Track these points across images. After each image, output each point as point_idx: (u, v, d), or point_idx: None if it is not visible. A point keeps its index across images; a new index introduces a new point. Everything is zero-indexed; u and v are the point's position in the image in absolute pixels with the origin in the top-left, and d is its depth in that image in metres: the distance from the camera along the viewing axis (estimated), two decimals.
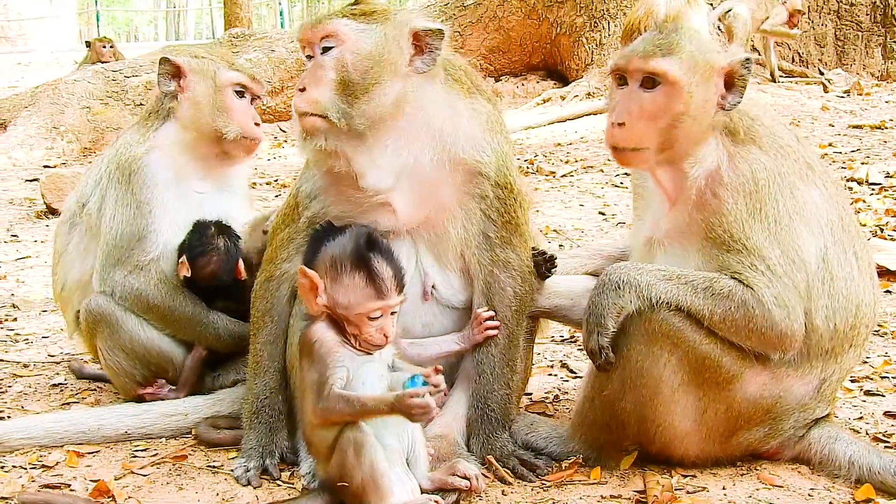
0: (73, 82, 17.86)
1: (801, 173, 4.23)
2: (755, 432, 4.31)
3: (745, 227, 4.07)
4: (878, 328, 6.37)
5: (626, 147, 4.20)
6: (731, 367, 4.14)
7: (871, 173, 11.27)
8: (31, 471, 4.62)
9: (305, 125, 4.37)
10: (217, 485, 4.42)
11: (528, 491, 4.26)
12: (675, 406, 4.21)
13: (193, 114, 5.49)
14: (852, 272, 4.21)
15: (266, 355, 4.75)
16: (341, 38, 4.39)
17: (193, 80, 5.51)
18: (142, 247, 5.35)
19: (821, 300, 4.15)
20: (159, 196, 5.42)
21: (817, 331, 4.15)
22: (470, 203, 4.55)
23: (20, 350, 6.79)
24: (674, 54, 4.13)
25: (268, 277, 4.78)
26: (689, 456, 4.37)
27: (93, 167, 5.74)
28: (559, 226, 10.25)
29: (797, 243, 4.11)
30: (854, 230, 4.30)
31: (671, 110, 4.12)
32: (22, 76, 30.40)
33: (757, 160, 4.15)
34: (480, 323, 4.54)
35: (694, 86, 4.11)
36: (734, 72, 4.17)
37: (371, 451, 3.84)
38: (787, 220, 4.11)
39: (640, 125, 4.15)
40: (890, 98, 16.57)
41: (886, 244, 8.32)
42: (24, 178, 14.76)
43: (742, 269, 4.05)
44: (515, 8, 18.63)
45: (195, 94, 5.51)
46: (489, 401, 4.57)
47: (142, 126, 5.59)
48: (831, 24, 18.82)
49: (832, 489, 4.19)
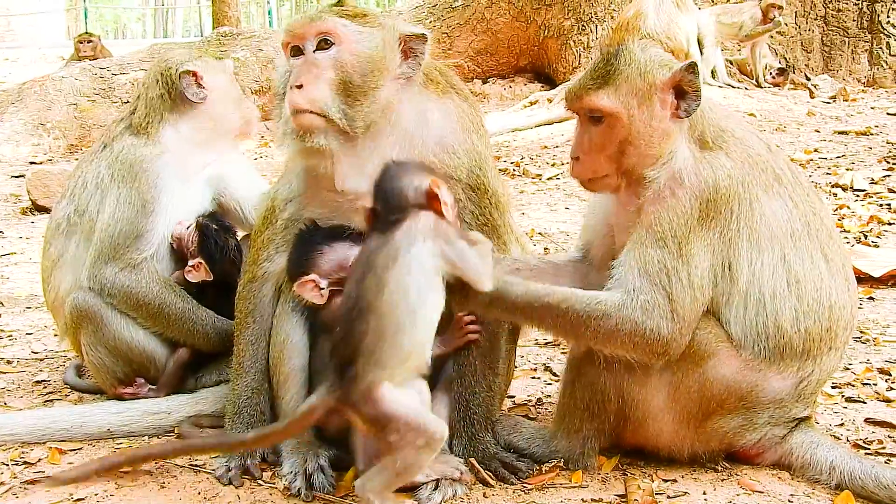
0: (60, 79, 17.83)
1: (766, 184, 4.25)
2: (729, 421, 4.31)
3: (691, 233, 4.13)
4: (861, 335, 6.40)
5: (585, 178, 4.38)
6: (703, 342, 4.17)
7: (856, 179, 11.31)
8: (13, 467, 4.61)
9: (303, 122, 4.33)
10: (199, 483, 4.42)
11: (509, 493, 4.27)
12: (650, 378, 4.24)
13: (221, 108, 5.71)
14: (821, 275, 4.23)
15: (249, 355, 4.75)
16: (340, 38, 4.39)
17: (212, 80, 5.69)
18: (137, 245, 5.37)
19: (786, 303, 4.18)
20: (165, 197, 5.47)
21: (785, 333, 4.18)
22: None
23: (4, 346, 6.79)
24: (608, 85, 4.24)
25: (251, 278, 4.78)
26: (663, 438, 4.39)
27: (87, 173, 5.68)
28: (545, 229, 10.27)
29: (732, 260, 4.18)
30: (825, 235, 4.31)
31: (616, 139, 4.25)
32: (9, 72, 30.30)
33: (722, 167, 4.19)
34: (461, 327, 4.55)
35: (634, 110, 4.22)
36: (681, 80, 4.21)
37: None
38: (733, 235, 4.17)
39: (592, 157, 4.32)
40: (875, 104, 16.62)
41: (869, 251, 8.35)
42: (9, 174, 14.74)
43: (656, 273, 4.11)
44: (503, 10, 18.66)
45: (219, 90, 5.72)
46: (471, 403, 4.57)
47: (141, 128, 5.61)
48: (818, 29, 18.89)
49: (812, 495, 4.20)
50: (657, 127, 4.22)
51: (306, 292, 4.48)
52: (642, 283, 4.13)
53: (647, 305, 4.11)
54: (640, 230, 4.21)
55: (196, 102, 5.61)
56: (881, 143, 13.68)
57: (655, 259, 4.13)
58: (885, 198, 10.67)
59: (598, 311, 4.13)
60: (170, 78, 5.61)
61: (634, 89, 4.22)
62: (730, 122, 4.40)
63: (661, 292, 4.10)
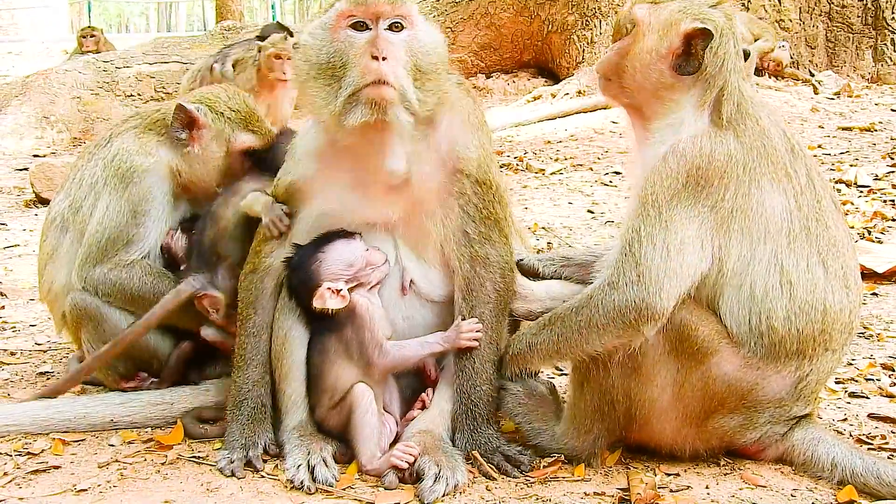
0: (63, 72, 17.82)
1: (773, 177, 4.23)
2: (730, 420, 4.31)
3: (674, 198, 4.13)
4: (864, 330, 6.39)
5: (601, 72, 4.55)
6: (707, 338, 4.15)
7: (860, 175, 11.28)
8: (17, 457, 4.62)
9: (384, 94, 4.28)
10: (201, 475, 4.42)
11: (511, 487, 4.27)
12: (656, 377, 4.23)
13: (196, 165, 5.49)
14: (814, 280, 4.19)
15: (250, 346, 4.76)
16: (413, 23, 4.43)
17: (207, 138, 5.47)
18: (126, 249, 5.35)
19: (777, 302, 4.16)
20: (155, 209, 5.42)
21: (777, 332, 4.15)
22: (449, 200, 4.58)
23: (7, 338, 6.79)
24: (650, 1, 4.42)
25: (252, 269, 4.79)
26: (665, 436, 4.39)
27: (85, 169, 5.65)
28: (548, 223, 10.25)
29: (722, 241, 4.18)
30: (825, 242, 4.26)
31: (627, 48, 4.40)
32: (13, 65, 30.34)
33: (724, 144, 4.20)
34: (462, 331, 4.57)
35: (649, 31, 4.34)
36: (691, 36, 4.26)
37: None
38: (725, 214, 4.16)
39: (610, 56, 4.51)
40: (880, 100, 16.58)
41: (873, 246, 8.33)
42: (13, 167, 14.75)
43: (628, 242, 4.15)
44: (507, 5, 18.61)
45: (206, 151, 5.48)
46: (473, 396, 4.57)
47: (144, 135, 5.54)
48: (822, 25, 18.83)
49: (815, 490, 4.20)
50: (654, 62, 4.33)
51: (327, 301, 4.50)
52: (612, 258, 4.20)
53: (613, 279, 4.16)
54: (631, 203, 4.26)
55: (181, 139, 5.46)
56: (885, 139, 13.66)
57: (632, 229, 4.16)
58: (889, 194, 10.64)
59: (582, 310, 4.24)
60: (173, 107, 5.48)
61: (661, 15, 4.35)
62: (760, 110, 4.37)
63: (629, 261, 4.12)
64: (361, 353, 4.50)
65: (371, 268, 4.55)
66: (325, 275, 4.49)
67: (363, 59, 4.30)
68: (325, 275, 4.50)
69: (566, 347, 4.31)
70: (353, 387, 4.49)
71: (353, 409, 4.47)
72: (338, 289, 4.49)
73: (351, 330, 4.51)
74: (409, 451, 4.32)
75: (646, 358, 4.20)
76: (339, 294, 4.49)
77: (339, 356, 4.52)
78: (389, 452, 4.38)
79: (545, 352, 4.42)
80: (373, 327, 4.50)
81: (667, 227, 4.10)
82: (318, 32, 4.48)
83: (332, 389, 4.53)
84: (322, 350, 4.57)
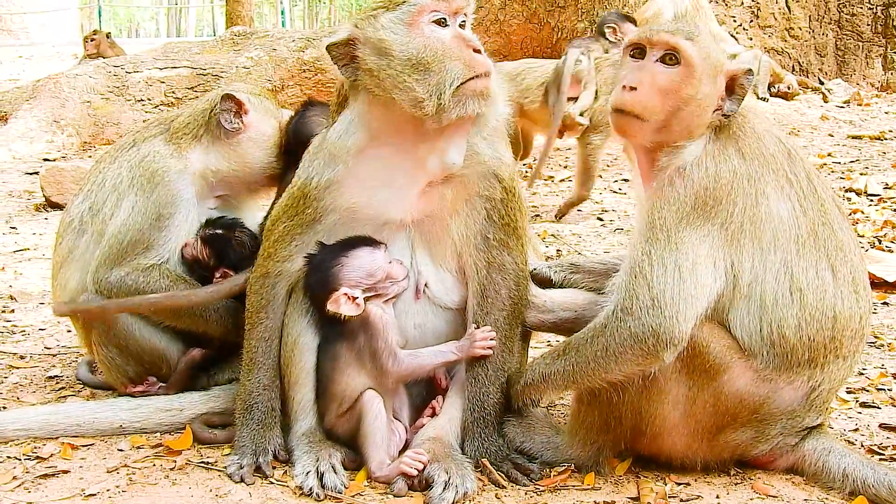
0: (74, 76, 17.85)
1: (776, 184, 4.22)
2: (741, 433, 4.29)
3: (683, 221, 4.11)
4: (875, 339, 6.38)
5: (632, 112, 4.24)
6: (719, 355, 4.12)
7: (870, 184, 11.29)
8: (26, 462, 4.61)
9: (489, 85, 4.35)
10: (210, 481, 4.42)
11: (521, 495, 4.26)
12: (667, 395, 4.20)
13: (252, 151, 5.56)
14: (824, 286, 4.16)
15: (260, 352, 4.73)
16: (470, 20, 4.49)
17: (256, 119, 5.56)
18: (146, 254, 5.31)
19: (789, 311, 4.13)
20: (180, 213, 5.40)
21: (788, 340, 4.13)
22: (477, 203, 4.57)
23: (16, 342, 6.79)
24: (694, 40, 4.23)
25: (264, 273, 4.73)
26: (676, 450, 4.36)
27: (107, 171, 5.61)
28: (557, 231, 10.26)
29: (735, 257, 4.15)
30: (833, 246, 4.24)
31: (682, 90, 4.20)
32: (23, 69, 30.42)
33: (728, 160, 4.18)
34: (476, 340, 4.56)
35: (705, 76, 4.21)
36: (736, 78, 4.25)
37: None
38: (736, 229, 4.14)
39: (650, 94, 4.22)
40: (890, 109, 16.57)
41: (884, 255, 8.32)
42: (23, 170, 14.78)
43: (638, 267, 4.10)
44: (517, 12, 18.63)
45: (258, 131, 5.57)
46: (486, 404, 4.57)
47: (174, 139, 5.53)
48: (832, 33, 18.81)
49: (826, 500, 4.19)
50: (709, 105, 4.25)
51: (341, 307, 4.49)
52: (622, 282, 4.15)
53: (627, 304, 4.10)
54: (638, 227, 4.23)
55: (229, 131, 5.51)
56: (895, 147, 13.64)
57: (641, 253, 4.12)
58: None
59: (597, 339, 4.19)
60: (217, 97, 5.55)
61: (709, 58, 4.25)
62: (753, 117, 4.38)
63: (641, 285, 4.07)
64: (374, 362, 4.49)
65: (391, 281, 4.54)
66: (345, 280, 4.49)
67: (465, 52, 4.30)
68: (344, 280, 4.49)
69: (582, 377, 4.26)
70: (363, 393, 4.49)
71: (363, 415, 4.47)
72: (354, 296, 4.49)
73: (363, 338, 4.50)
74: (419, 458, 4.32)
75: (656, 376, 4.17)
76: (354, 301, 4.48)
77: (350, 363, 4.51)
78: (399, 459, 4.37)
79: (560, 382, 4.36)
80: (387, 336, 4.49)
81: (677, 248, 4.07)
82: (398, 28, 4.38)
83: (341, 396, 4.53)
84: (333, 357, 4.57)
